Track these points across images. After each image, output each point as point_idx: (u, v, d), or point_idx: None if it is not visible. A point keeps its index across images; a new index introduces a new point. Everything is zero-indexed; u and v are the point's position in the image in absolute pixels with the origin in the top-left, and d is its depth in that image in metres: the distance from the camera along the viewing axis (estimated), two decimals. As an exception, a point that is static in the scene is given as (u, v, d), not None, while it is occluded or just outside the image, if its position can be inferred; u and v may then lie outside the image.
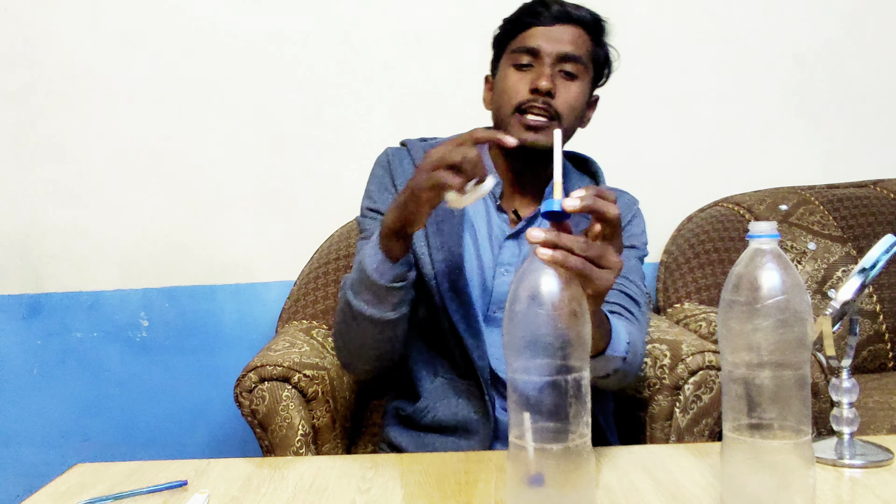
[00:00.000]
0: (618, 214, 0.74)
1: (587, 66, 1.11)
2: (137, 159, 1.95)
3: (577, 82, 1.09)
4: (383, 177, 1.17)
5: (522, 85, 1.08)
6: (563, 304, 0.66)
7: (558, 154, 0.74)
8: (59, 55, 1.92)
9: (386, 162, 1.18)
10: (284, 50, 1.94)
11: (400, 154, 1.19)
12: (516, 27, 1.12)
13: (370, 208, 1.16)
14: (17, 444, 1.99)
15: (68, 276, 1.97)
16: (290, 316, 1.73)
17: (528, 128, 1.07)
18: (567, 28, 1.09)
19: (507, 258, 1.13)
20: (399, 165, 1.17)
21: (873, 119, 2.03)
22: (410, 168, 1.16)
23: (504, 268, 1.12)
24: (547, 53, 1.08)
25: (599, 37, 1.14)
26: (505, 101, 1.09)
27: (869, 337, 1.74)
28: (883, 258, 0.90)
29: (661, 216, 1.97)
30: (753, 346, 0.70)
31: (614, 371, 0.97)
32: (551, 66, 1.07)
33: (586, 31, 1.11)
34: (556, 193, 0.72)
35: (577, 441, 0.66)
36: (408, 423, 1.15)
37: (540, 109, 1.06)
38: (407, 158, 1.18)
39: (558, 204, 0.71)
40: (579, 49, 1.09)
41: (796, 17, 2.00)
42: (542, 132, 1.06)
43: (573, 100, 1.08)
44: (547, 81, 1.05)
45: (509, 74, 1.10)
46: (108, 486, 0.91)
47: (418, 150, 1.17)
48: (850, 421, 0.90)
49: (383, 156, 1.20)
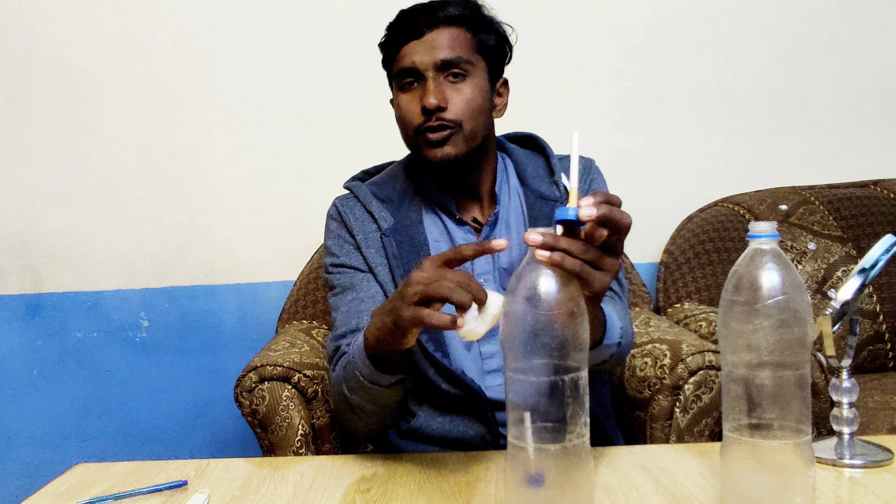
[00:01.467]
0: (630, 223, 0.74)
1: (473, 61, 1.07)
2: (137, 159, 1.95)
3: (467, 82, 1.06)
4: (339, 230, 1.16)
5: (413, 107, 1.06)
6: (561, 305, 0.66)
7: (575, 159, 0.73)
8: (59, 55, 1.93)
9: (337, 214, 1.17)
10: (284, 50, 1.94)
11: (349, 202, 1.17)
12: (391, 49, 1.09)
13: (335, 264, 1.15)
14: (17, 444, 1.99)
15: (68, 276, 1.97)
16: (290, 316, 1.74)
17: (432, 145, 1.05)
18: (439, 32, 1.05)
19: (482, 268, 1.11)
20: (350, 214, 1.15)
21: (873, 119, 2.03)
22: (361, 213, 1.15)
23: (482, 278, 1.11)
24: (425, 67, 1.04)
25: (479, 25, 1.09)
26: (405, 128, 1.08)
27: (869, 337, 1.74)
28: (883, 258, 0.90)
29: (661, 216, 1.97)
30: (753, 346, 0.70)
31: (610, 356, 0.98)
32: (434, 79, 1.04)
33: (461, 26, 1.06)
34: (572, 200, 0.71)
35: (576, 441, 0.66)
36: (407, 435, 1.14)
37: (436, 125, 1.04)
38: (357, 205, 1.16)
39: (574, 212, 0.70)
40: (458, 49, 1.05)
41: (796, 17, 2.00)
42: (449, 143, 1.05)
43: (468, 101, 1.05)
44: (433, 97, 1.02)
45: (400, 100, 1.08)
46: (108, 486, 0.91)
47: (366, 193, 1.16)
48: (850, 421, 0.90)
49: (333, 209, 1.19)
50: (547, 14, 1.96)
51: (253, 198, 1.96)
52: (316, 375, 1.34)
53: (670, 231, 1.95)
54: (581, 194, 0.84)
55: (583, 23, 1.97)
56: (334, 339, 1.08)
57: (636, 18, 1.97)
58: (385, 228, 1.12)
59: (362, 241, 1.12)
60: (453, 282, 0.77)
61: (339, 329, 1.09)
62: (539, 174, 1.16)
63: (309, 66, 1.94)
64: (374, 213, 1.13)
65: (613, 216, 0.72)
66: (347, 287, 1.12)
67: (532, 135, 1.22)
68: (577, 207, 0.70)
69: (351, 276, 1.12)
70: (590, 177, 1.16)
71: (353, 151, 1.94)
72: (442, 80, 1.05)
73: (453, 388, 1.08)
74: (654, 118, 1.99)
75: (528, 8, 1.94)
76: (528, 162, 1.18)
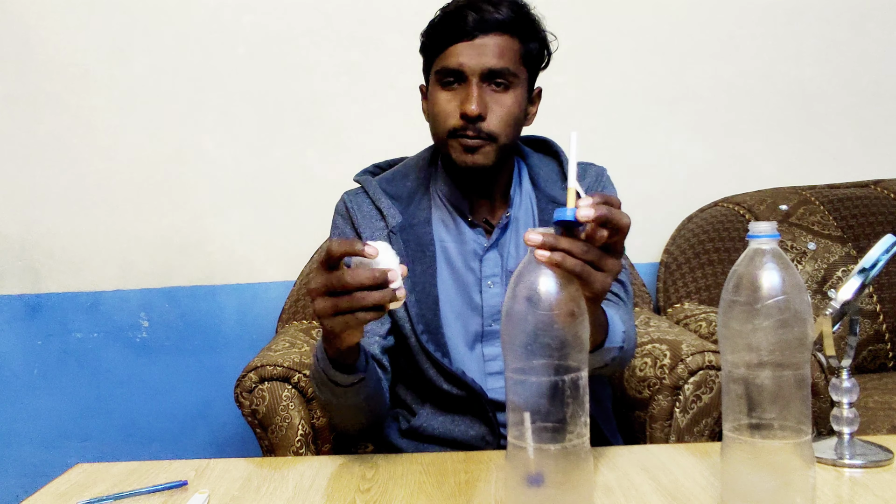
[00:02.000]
0: (629, 224, 0.74)
1: (518, 72, 1.05)
2: (137, 160, 1.95)
3: (509, 93, 1.05)
4: (344, 226, 1.15)
5: (452, 108, 1.04)
6: (561, 305, 0.66)
7: (573, 161, 0.73)
8: (59, 56, 1.93)
9: (344, 209, 1.16)
10: (285, 50, 1.94)
11: (357, 198, 1.16)
12: (437, 43, 1.06)
13: None
14: (17, 444, 1.99)
15: (68, 277, 1.97)
16: (291, 316, 1.74)
17: (465, 150, 1.04)
18: (489, 38, 1.02)
19: (491, 270, 1.11)
20: (358, 210, 1.14)
21: (873, 119, 2.03)
22: (370, 209, 1.14)
23: (490, 280, 1.11)
24: (472, 72, 1.02)
25: (528, 33, 1.07)
26: (438, 126, 1.07)
27: (869, 337, 1.74)
28: (883, 258, 0.90)
29: (661, 216, 1.97)
30: (753, 346, 0.70)
31: (611, 359, 0.97)
32: (478, 85, 1.02)
33: (511, 35, 1.04)
34: (570, 201, 0.71)
35: (575, 441, 0.66)
36: (408, 434, 1.14)
37: (472, 133, 1.03)
38: (366, 200, 1.15)
39: (572, 213, 0.70)
40: (506, 59, 1.03)
41: (797, 17, 2.00)
42: (479, 152, 1.04)
43: (507, 114, 1.04)
44: (475, 105, 1.01)
45: (438, 97, 1.06)
46: (108, 486, 0.91)
47: (375, 188, 1.15)
48: (850, 421, 0.90)
49: (340, 203, 1.17)
50: (547, 14, 1.95)
51: (253, 198, 1.96)
52: (316, 375, 1.34)
53: (670, 231, 1.95)
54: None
55: (583, 23, 1.97)
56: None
57: (637, 18, 1.97)
58: (393, 226, 1.11)
59: (368, 239, 1.11)
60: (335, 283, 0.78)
61: None
62: (552, 178, 1.16)
63: (309, 66, 1.94)
64: (382, 210, 1.12)
65: (612, 216, 0.72)
66: None
67: (546, 139, 1.22)
68: (576, 208, 0.70)
69: None
70: (601, 185, 1.16)
71: (353, 152, 1.94)
72: (485, 87, 1.03)
73: (454, 389, 1.08)
74: (654, 118, 1.99)
75: (528, 8, 1.94)
76: (542, 166, 1.18)
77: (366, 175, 1.19)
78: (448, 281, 1.12)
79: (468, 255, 1.12)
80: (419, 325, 1.08)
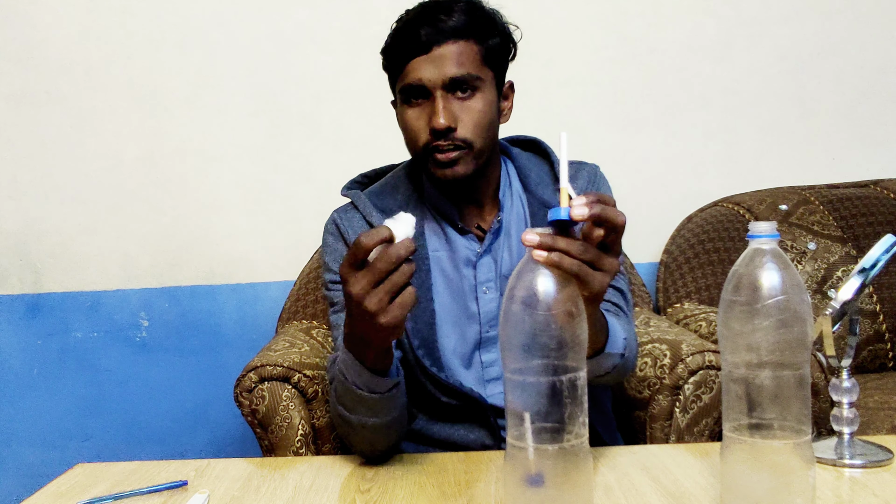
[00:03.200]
0: (625, 222, 0.73)
1: (481, 74, 1.02)
2: (137, 159, 1.95)
3: (476, 97, 1.02)
4: (336, 244, 1.13)
5: (421, 124, 1.02)
6: (559, 305, 0.66)
7: (564, 161, 0.73)
8: (59, 55, 1.93)
9: (335, 229, 1.14)
10: (285, 50, 1.94)
11: (347, 215, 1.14)
12: (395, 62, 1.04)
13: (333, 281, 1.11)
14: (17, 444, 1.99)
15: (68, 276, 1.97)
16: (290, 316, 1.74)
17: (441, 165, 1.02)
18: (446, 47, 1.00)
19: (485, 276, 1.10)
20: (349, 227, 1.12)
21: (873, 119, 2.03)
22: (360, 224, 1.11)
23: (485, 286, 1.10)
24: (433, 85, 1.00)
25: (486, 32, 1.03)
26: (412, 144, 1.05)
27: (869, 337, 1.74)
28: (883, 258, 0.90)
29: (661, 216, 1.97)
30: (753, 346, 0.70)
31: (613, 367, 0.96)
32: (443, 97, 1.00)
33: (468, 38, 1.01)
34: (563, 201, 0.70)
35: (574, 441, 0.66)
36: (408, 436, 1.13)
37: (445, 145, 1.01)
38: (356, 216, 1.13)
39: (566, 212, 0.69)
40: (466, 65, 1.00)
41: (797, 17, 2.00)
42: (458, 165, 1.02)
43: (477, 120, 1.02)
44: (442, 119, 0.99)
45: (406, 115, 1.04)
46: (108, 486, 0.91)
47: (366, 203, 1.12)
48: (850, 421, 0.90)
49: (330, 223, 1.15)
50: (546, 14, 1.96)
51: (253, 198, 1.96)
52: (316, 375, 1.34)
53: (670, 231, 1.95)
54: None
55: (582, 23, 1.97)
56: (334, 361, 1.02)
57: (636, 18, 1.97)
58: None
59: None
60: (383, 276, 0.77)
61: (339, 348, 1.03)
62: (543, 180, 1.14)
63: (309, 65, 1.94)
64: (373, 225, 1.10)
65: (607, 215, 0.71)
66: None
67: (536, 139, 1.20)
68: (570, 207, 0.70)
69: None
70: (596, 183, 1.14)
71: (353, 152, 1.94)
72: (450, 97, 1.01)
73: (453, 400, 1.08)
74: (653, 118, 1.99)
75: (528, 8, 1.94)
76: (532, 167, 1.16)
77: (354, 189, 1.17)
78: (444, 292, 1.10)
79: (461, 262, 1.11)
80: (415, 340, 1.07)
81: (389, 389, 0.91)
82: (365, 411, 0.92)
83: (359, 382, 0.89)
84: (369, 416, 0.92)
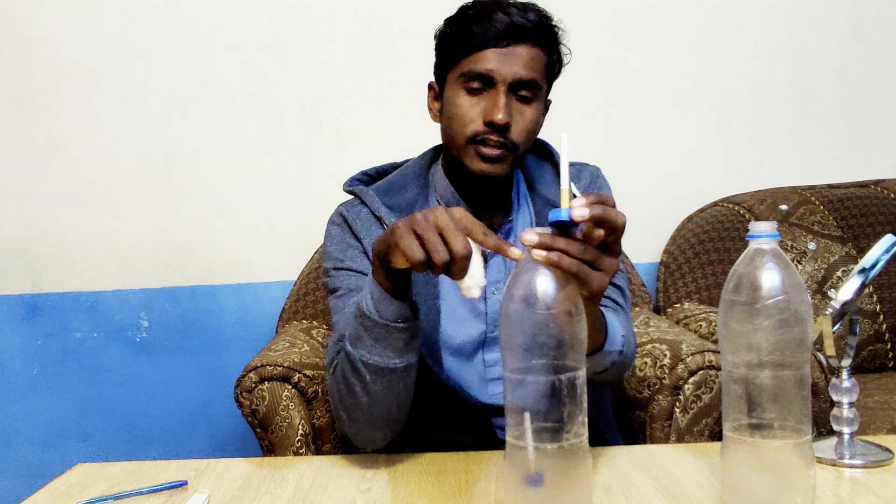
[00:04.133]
0: (625, 223, 0.73)
1: (542, 84, 1.04)
2: (137, 159, 1.95)
3: (533, 105, 1.03)
4: (343, 234, 1.11)
5: (476, 113, 1.01)
6: (558, 305, 0.66)
7: (565, 162, 0.73)
8: (60, 55, 1.92)
9: (341, 220, 1.12)
10: (285, 50, 1.94)
11: (354, 209, 1.12)
12: (464, 45, 1.02)
13: (337, 267, 1.09)
14: (17, 444, 1.99)
15: (68, 277, 1.97)
16: (290, 316, 1.74)
17: (484, 159, 1.02)
18: (521, 48, 1.01)
19: (495, 276, 1.10)
20: (357, 219, 1.10)
21: (873, 119, 2.03)
22: (368, 218, 1.10)
23: (494, 286, 1.10)
24: (502, 80, 1.00)
25: (552, 45, 1.06)
26: (458, 130, 1.03)
27: (869, 337, 1.74)
28: (883, 258, 0.90)
29: (661, 216, 1.97)
30: (753, 346, 0.70)
31: (611, 364, 0.96)
32: (506, 94, 1.00)
33: (539, 46, 1.03)
34: (564, 202, 0.71)
35: (573, 441, 0.66)
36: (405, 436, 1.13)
37: (495, 143, 1.01)
38: (364, 210, 1.11)
39: (567, 213, 0.70)
40: (534, 71, 1.02)
41: (797, 16, 2.00)
42: (499, 164, 1.02)
43: (529, 126, 1.03)
44: (503, 115, 0.99)
45: (461, 100, 1.03)
46: (108, 486, 0.91)
47: (372, 198, 1.11)
48: (850, 421, 0.90)
49: (336, 215, 1.14)
50: (547, 14, 1.96)
51: (253, 198, 1.96)
52: (316, 375, 1.34)
53: (670, 231, 1.95)
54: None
55: (582, 22, 1.97)
56: (336, 341, 1.00)
57: (636, 18, 1.97)
58: None
59: (369, 246, 1.07)
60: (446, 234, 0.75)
61: (340, 331, 1.01)
62: (548, 182, 1.14)
63: (309, 65, 1.94)
64: (382, 219, 1.09)
65: (607, 216, 0.71)
66: (352, 288, 1.06)
67: (543, 141, 1.19)
68: (570, 208, 0.70)
69: (356, 279, 1.07)
70: (597, 186, 1.15)
71: (353, 151, 1.94)
72: (512, 97, 1.01)
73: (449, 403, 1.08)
74: (653, 118, 1.99)
75: (528, 8, 1.94)
76: (538, 168, 1.16)
77: (358, 185, 1.16)
78: (452, 291, 1.10)
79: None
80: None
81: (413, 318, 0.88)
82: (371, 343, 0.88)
83: (389, 315, 0.86)
84: (371, 353, 0.88)
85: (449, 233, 0.75)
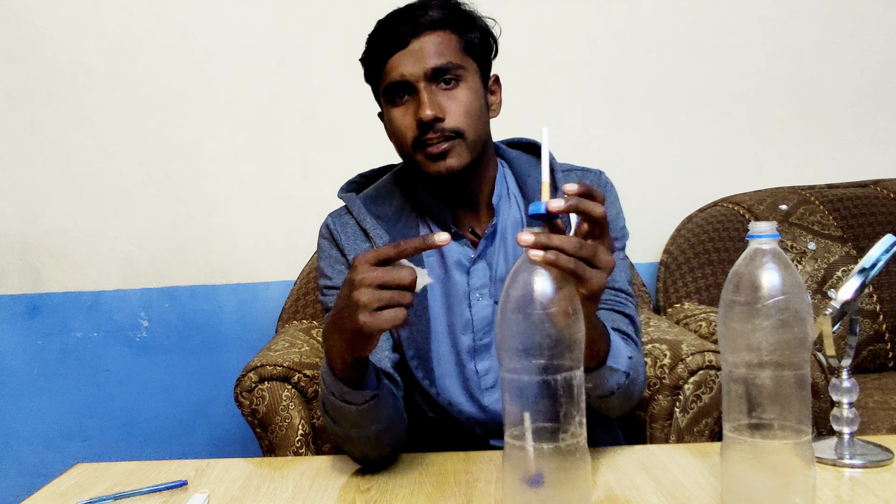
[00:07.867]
0: (603, 213, 0.73)
1: (463, 63, 1.01)
2: (137, 159, 1.95)
3: (461, 87, 1.00)
4: (330, 249, 1.11)
5: (408, 121, 1.00)
6: (555, 304, 0.66)
7: (545, 155, 0.72)
8: (59, 55, 1.93)
9: (328, 234, 1.11)
10: (285, 49, 1.94)
11: (341, 220, 1.11)
12: (376, 63, 1.02)
13: (328, 286, 1.10)
14: (17, 444, 1.99)
15: (68, 276, 1.97)
16: (291, 316, 1.74)
17: (433, 158, 1.00)
18: (424, 39, 0.99)
19: (479, 282, 1.07)
20: (342, 232, 1.10)
21: (873, 119, 2.03)
22: (354, 230, 1.09)
23: (478, 293, 1.07)
24: (416, 78, 0.98)
25: (464, 25, 1.02)
26: (401, 143, 1.03)
27: (869, 337, 1.74)
28: (883, 258, 0.90)
29: (661, 216, 1.97)
30: (753, 346, 0.70)
31: (617, 386, 0.92)
32: (427, 89, 0.98)
33: (446, 29, 1.00)
34: (544, 195, 0.71)
35: (570, 441, 0.66)
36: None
37: (435, 137, 0.99)
38: (350, 221, 1.10)
39: (543, 206, 0.70)
40: (446, 54, 0.99)
41: (796, 17, 2.00)
42: (451, 155, 0.99)
43: (465, 108, 1.00)
44: (428, 110, 0.97)
45: (392, 115, 1.02)
46: (108, 486, 0.92)
47: (360, 209, 1.10)
48: (850, 421, 0.90)
49: (324, 228, 1.13)
50: (545, 14, 1.96)
51: (253, 198, 1.96)
52: (316, 375, 1.34)
53: (670, 231, 1.95)
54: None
55: (581, 22, 1.97)
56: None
57: (635, 18, 1.97)
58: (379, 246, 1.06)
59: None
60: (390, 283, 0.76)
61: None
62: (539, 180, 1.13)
63: (309, 65, 1.94)
64: (367, 231, 1.08)
65: (584, 206, 0.71)
66: None
67: (536, 142, 1.17)
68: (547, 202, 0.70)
69: None
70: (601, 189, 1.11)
71: (353, 151, 1.94)
72: (434, 88, 0.99)
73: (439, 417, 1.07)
74: (653, 118, 1.99)
75: (526, 8, 1.94)
76: (530, 170, 1.13)
77: (350, 192, 1.15)
78: (438, 300, 1.09)
79: (454, 268, 1.08)
80: (409, 351, 1.05)
81: (366, 401, 0.88)
82: (346, 423, 0.89)
83: (336, 392, 0.87)
84: (350, 428, 0.90)
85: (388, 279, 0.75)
